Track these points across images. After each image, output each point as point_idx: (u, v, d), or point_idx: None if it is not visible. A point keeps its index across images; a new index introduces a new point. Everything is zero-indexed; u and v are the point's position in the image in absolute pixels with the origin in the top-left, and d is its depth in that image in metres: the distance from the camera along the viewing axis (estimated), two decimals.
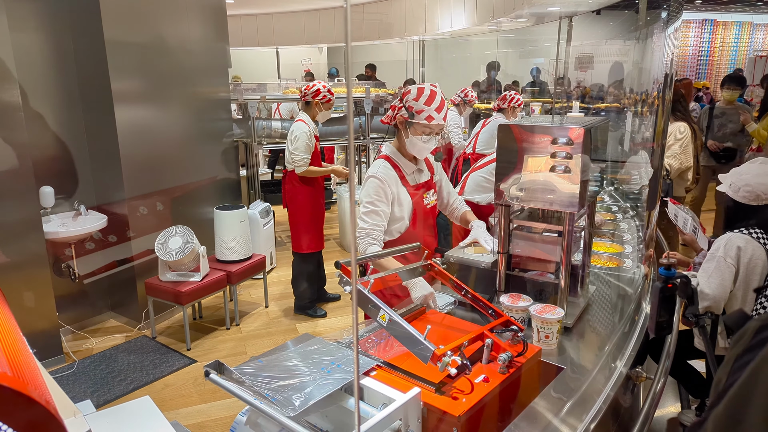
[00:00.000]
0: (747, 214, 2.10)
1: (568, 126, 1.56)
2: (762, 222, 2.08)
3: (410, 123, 1.95)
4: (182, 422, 2.78)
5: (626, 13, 4.02)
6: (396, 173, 2.02)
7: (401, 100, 1.98)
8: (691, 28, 11.69)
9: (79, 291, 3.77)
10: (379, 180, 1.96)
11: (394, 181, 2.00)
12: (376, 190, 1.95)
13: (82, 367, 3.28)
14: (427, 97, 1.91)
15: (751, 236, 2.07)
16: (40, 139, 3.48)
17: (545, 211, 1.75)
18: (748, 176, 2.10)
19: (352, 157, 0.54)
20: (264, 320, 3.94)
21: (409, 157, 2.07)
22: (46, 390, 0.57)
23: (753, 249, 2.05)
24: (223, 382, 1.16)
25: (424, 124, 1.92)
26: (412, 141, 1.98)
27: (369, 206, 1.96)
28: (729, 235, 2.12)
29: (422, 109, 1.91)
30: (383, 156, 2.06)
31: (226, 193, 4.56)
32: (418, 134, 1.96)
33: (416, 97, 1.92)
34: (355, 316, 0.56)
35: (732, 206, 2.16)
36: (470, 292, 1.53)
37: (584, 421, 1.24)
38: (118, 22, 3.49)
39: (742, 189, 2.09)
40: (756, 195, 2.06)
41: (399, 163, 2.05)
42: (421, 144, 1.98)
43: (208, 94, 4.34)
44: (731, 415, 0.68)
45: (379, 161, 2.05)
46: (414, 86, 1.97)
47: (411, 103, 1.93)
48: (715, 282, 2.06)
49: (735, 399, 0.68)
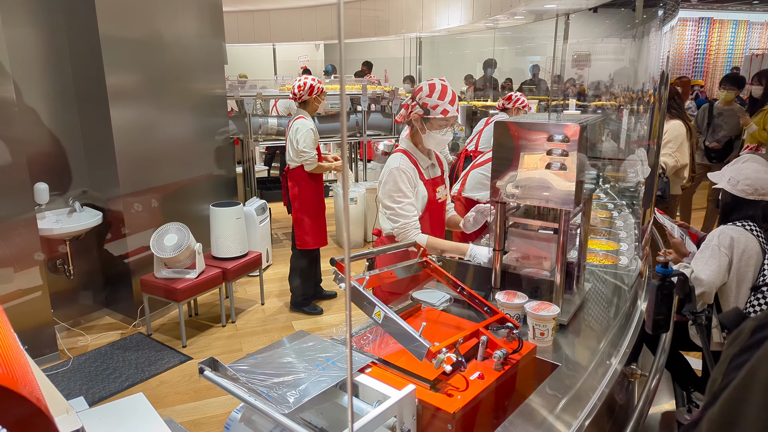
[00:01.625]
0: (742, 208, 2.14)
1: (564, 123, 1.56)
2: (756, 216, 2.11)
3: (426, 119, 2.00)
4: (177, 419, 2.78)
5: (623, 11, 4.03)
6: (414, 166, 2.06)
7: (413, 98, 2.02)
8: (687, 26, 11.71)
9: (74, 288, 3.75)
10: (403, 172, 2.00)
11: (413, 173, 2.04)
12: (404, 182, 2.00)
13: (77, 364, 3.27)
14: (439, 92, 1.96)
15: (744, 228, 2.10)
16: (34, 135, 3.45)
17: (541, 209, 1.76)
18: (748, 171, 2.14)
19: (344, 153, 0.53)
20: (260, 317, 3.94)
21: (425, 152, 2.13)
22: (37, 387, 0.57)
23: (746, 240, 2.08)
24: (218, 379, 1.16)
25: (441, 118, 1.98)
26: (430, 135, 2.02)
27: (402, 199, 1.99)
28: (722, 227, 2.15)
29: (437, 104, 1.96)
30: (401, 150, 2.10)
31: (222, 190, 4.55)
32: (435, 128, 2.01)
33: (429, 94, 1.96)
34: (349, 313, 0.56)
35: (729, 201, 2.19)
36: (466, 289, 1.53)
37: (579, 418, 1.24)
38: (113, 18, 3.46)
39: (741, 183, 2.13)
40: (755, 189, 2.10)
41: (416, 158, 2.09)
42: (440, 137, 2.03)
43: (204, 90, 4.33)
44: (726, 416, 0.67)
45: (398, 155, 2.08)
46: (425, 83, 2.00)
47: (425, 100, 1.97)
48: (710, 268, 2.09)
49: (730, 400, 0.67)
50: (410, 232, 1.99)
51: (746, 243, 2.08)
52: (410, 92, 2.13)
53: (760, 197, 2.10)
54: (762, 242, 2.10)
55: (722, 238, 2.10)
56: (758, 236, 2.10)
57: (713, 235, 2.15)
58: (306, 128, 3.61)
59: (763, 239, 2.11)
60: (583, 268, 1.91)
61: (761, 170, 2.11)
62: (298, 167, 3.71)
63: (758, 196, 2.10)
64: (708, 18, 11.73)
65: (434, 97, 1.96)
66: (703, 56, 11.97)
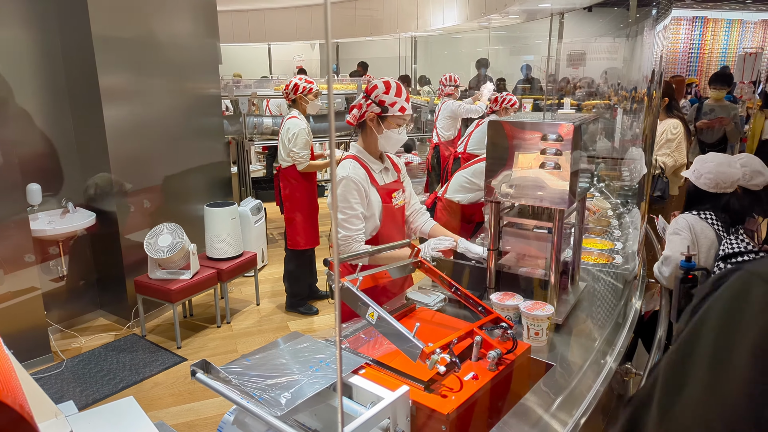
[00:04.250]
0: (703, 200, 2.23)
1: (558, 122, 1.56)
2: (715, 208, 2.20)
3: (383, 117, 1.96)
4: (172, 421, 2.77)
5: (616, 10, 4.03)
6: (365, 173, 2.00)
7: (367, 98, 1.97)
8: (681, 25, 11.76)
9: (67, 289, 3.72)
10: (353, 182, 1.94)
11: (364, 180, 1.98)
12: (352, 193, 1.93)
13: (71, 366, 3.25)
14: (395, 90, 1.93)
15: (699, 217, 2.19)
16: (26, 135, 3.42)
17: (535, 208, 1.75)
18: (711, 164, 2.21)
19: (332, 152, 0.52)
20: (255, 318, 3.92)
21: (376, 156, 2.07)
22: (21, 393, 0.56)
23: (702, 228, 2.17)
24: (210, 382, 1.15)
25: (398, 115, 1.95)
26: (387, 135, 1.98)
27: (348, 211, 1.93)
28: (679, 216, 2.26)
29: (395, 101, 1.93)
30: (351, 156, 2.03)
31: (216, 190, 4.53)
32: (392, 127, 1.97)
33: (386, 91, 1.93)
34: (338, 313, 0.55)
35: (692, 192, 2.28)
36: (460, 289, 1.52)
37: (574, 417, 1.24)
38: (106, 17, 3.44)
39: (704, 176, 2.21)
40: (716, 183, 2.18)
41: (367, 163, 2.03)
42: (396, 137, 2.00)
43: (198, 90, 4.30)
44: (681, 353, 0.71)
45: (348, 162, 2.01)
46: (378, 81, 1.97)
47: (383, 98, 1.93)
48: (672, 244, 2.17)
49: (685, 339, 0.71)
50: (352, 246, 1.93)
51: (701, 230, 2.16)
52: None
53: (721, 191, 2.18)
54: (717, 230, 2.18)
55: (678, 222, 2.21)
56: (713, 224, 2.18)
57: (672, 224, 2.25)
58: (297, 128, 3.60)
59: (717, 227, 2.19)
60: (577, 267, 1.91)
61: (724, 164, 2.18)
62: (289, 167, 3.70)
63: (719, 189, 2.18)
64: (702, 17, 11.78)
65: (391, 94, 1.92)
66: (698, 55, 12.02)
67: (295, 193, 3.75)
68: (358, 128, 2.06)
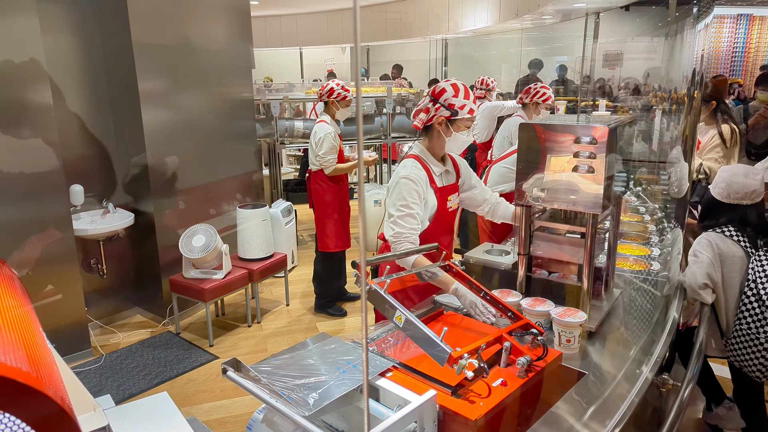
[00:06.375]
0: (718, 210, 2.19)
1: (592, 125, 1.52)
2: (731, 221, 2.15)
3: (453, 120, 1.96)
4: (203, 417, 2.83)
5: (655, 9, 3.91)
6: (425, 174, 2.01)
7: (435, 102, 1.97)
8: (725, 23, 11.30)
9: (107, 287, 3.86)
10: (412, 181, 1.95)
11: (424, 181, 1.99)
12: (410, 192, 1.94)
13: (109, 361, 3.36)
14: (464, 92, 1.95)
15: (723, 234, 2.13)
16: (70, 138, 3.58)
17: (568, 212, 1.72)
18: (726, 174, 2.18)
19: (360, 156, 0.53)
20: (285, 318, 3.97)
21: (438, 158, 2.08)
22: (62, 386, 0.58)
23: (728, 247, 2.10)
24: (240, 380, 1.17)
25: (468, 117, 1.96)
26: (455, 138, 1.99)
27: (404, 209, 1.93)
28: (701, 235, 2.20)
29: (464, 104, 1.94)
30: (413, 156, 2.05)
31: (248, 192, 4.62)
32: (461, 129, 1.99)
33: (455, 94, 1.94)
34: (365, 315, 0.55)
35: (707, 201, 2.24)
36: (489, 294, 1.50)
37: (607, 427, 1.20)
38: (145, 25, 3.56)
39: (718, 185, 2.19)
40: (728, 193, 2.15)
41: (429, 164, 2.04)
42: (464, 138, 2.02)
43: (232, 94, 4.40)
44: None
45: (409, 161, 2.02)
46: (446, 83, 1.96)
47: (452, 101, 1.94)
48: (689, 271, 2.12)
49: None
50: (403, 245, 1.91)
51: (727, 249, 2.11)
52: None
53: (734, 201, 2.14)
54: (744, 247, 2.11)
55: (700, 243, 2.16)
56: (739, 241, 2.12)
57: (694, 243, 2.20)
58: (324, 132, 3.63)
59: (744, 243, 2.11)
60: (612, 273, 1.86)
61: (740, 174, 2.15)
62: (319, 170, 3.74)
63: (732, 200, 2.14)
64: (747, 15, 11.30)
65: (460, 97, 1.93)
66: (742, 54, 11.53)
67: (326, 196, 3.79)
68: (423, 131, 2.06)
